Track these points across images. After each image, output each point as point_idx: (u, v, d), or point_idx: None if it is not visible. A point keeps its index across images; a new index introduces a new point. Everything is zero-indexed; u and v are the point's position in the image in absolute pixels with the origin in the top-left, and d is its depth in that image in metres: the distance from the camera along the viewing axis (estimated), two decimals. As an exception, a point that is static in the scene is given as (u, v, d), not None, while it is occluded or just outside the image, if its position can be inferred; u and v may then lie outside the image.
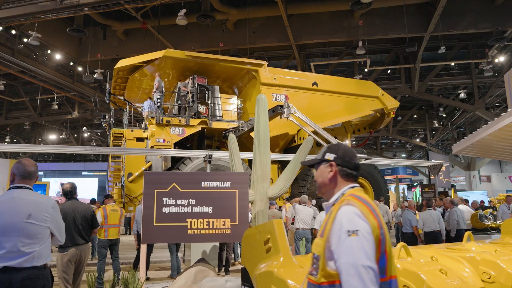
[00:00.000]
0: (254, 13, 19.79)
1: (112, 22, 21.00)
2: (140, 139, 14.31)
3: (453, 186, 29.21)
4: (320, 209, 8.83)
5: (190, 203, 6.11)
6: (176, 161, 13.09)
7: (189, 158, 12.53)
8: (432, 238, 7.90)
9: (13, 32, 19.89)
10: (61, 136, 34.81)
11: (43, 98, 27.19)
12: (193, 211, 6.08)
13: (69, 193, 5.36)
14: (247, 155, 9.89)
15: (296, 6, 19.39)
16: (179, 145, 13.50)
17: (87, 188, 24.45)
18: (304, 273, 2.55)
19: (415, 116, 33.04)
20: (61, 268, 4.67)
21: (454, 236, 8.23)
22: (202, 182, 6.18)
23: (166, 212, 6.01)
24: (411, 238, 8.35)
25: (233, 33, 21.53)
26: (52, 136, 34.34)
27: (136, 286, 5.31)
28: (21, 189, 2.82)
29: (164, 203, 6.05)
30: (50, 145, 25.24)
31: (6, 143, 31.37)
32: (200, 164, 12.47)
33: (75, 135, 35.92)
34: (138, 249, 7.74)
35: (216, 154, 9.91)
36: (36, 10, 15.09)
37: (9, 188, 2.85)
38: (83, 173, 26.56)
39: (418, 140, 36.14)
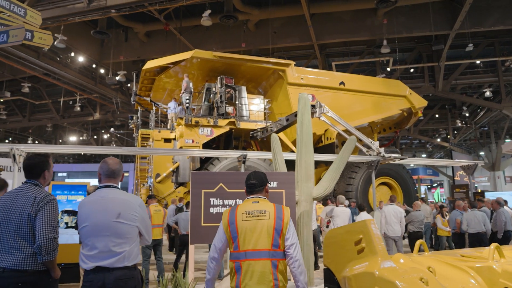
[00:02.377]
0: (275, 13, 19.72)
1: (134, 24, 21.16)
2: (167, 140, 14.34)
3: (475, 187, 28.65)
4: (360, 209, 8.67)
5: (237, 203, 6.02)
6: (204, 162, 13.06)
7: (217, 158, 12.49)
8: (477, 239, 7.68)
9: (39, 35, 20.15)
10: (81, 138, 35.25)
11: (65, 100, 27.54)
12: (240, 211, 5.99)
13: None
14: (287, 156, 9.78)
15: (318, 5, 19.23)
16: (205, 146, 13.49)
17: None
18: (406, 273, 2.44)
19: (437, 115, 32.52)
20: None
21: (501, 238, 8.00)
22: (249, 182, 6.07)
23: (214, 213, 5.95)
24: (458, 239, 8.13)
25: (254, 33, 21.48)
26: (73, 138, 34.78)
27: (189, 286, 5.26)
28: (108, 188, 2.78)
29: (212, 203, 5.99)
30: (87, 146, 25.81)
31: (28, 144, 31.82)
32: (229, 165, 12.42)
33: (95, 137, 36.34)
34: (180, 249, 7.72)
35: (250, 154, 9.83)
36: (64, 13, 15.25)
37: (97, 188, 2.81)
38: (105, 174, 26.80)
39: (439, 140, 35.56)
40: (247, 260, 2.76)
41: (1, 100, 26.63)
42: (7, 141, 34.98)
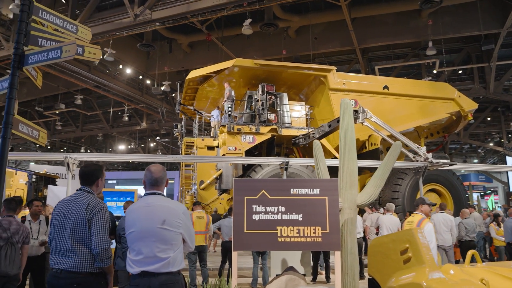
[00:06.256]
0: (316, 18, 19.63)
1: (177, 36, 21.82)
2: (210, 148, 14.60)
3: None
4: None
5: (280, 210, 6.03)
6: (247, 169, 13.16)
7: (260, 165, 12.55)
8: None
9: (90, 49, 21.28)
10: (129, 146, 36.66)
11: (114, 110, 28.82)
12: (282, 218, 6.00)
13: None
14: (329, 162, 9.66)
15: (359, 9, 18.94)
16: (248, 153, 13.59)
17: (156, 196, 25.45)
18: (458, 285, 2.34)
19: (489, 118, 30.89)
20: None
21: None
22: (291, 189, 6.08)
23: (256, 220, 5.98)
24: (513, 250, 7.65)
25: (294, 40, 21.50)
26: (122, 146, 36.25)
27: (232, 293, 5.30)
28: (154, 196, 2.90)
29: (254, 210, 6.02)
30: (134, 154, 26.94)
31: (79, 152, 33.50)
32: (271, 172, 12.42)
33: (142, 145, 37.67)
34: (223, 255, 7.81)
35: (293, 161, 9.81)
36: (113, 27, 16.00)
37: (144, 194, 2.94)
38: (152, 181, 27.73)
39: (491, 144, 33.72)
40: None
41: (57, 112, 28.25)
42: (62, 150, 37.02)
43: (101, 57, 18.32)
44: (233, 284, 5.76)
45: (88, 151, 37.39)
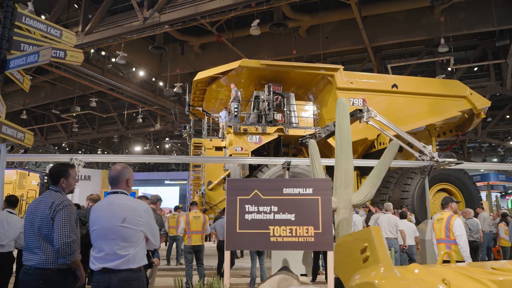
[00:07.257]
0: (326, 18, 19.52)
1: (189, 38, 22.02)
2: (218, 148, 14.69)
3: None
4: (402, 217, 8.28)
5: (272, 210, 6.05)
6: (254, 169, 13.20)
7: (266, 165, 12.57)
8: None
9: (103, 53, 21.73)
10: (145, 148, 37.16)
11: (129, 112, 29.27)
12: (275, 218, 6.02)
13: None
14: (327, 162, 9.63)
15: (370, 7, 18.75)
16: (256, 153, 13.62)
17: (169, 196, 25.79)
18: (409, 285, 2.32)
19: (508, 116, 30.11)
20: None
21: None
22: (284, 189, 6.09)
23: (249, 219, 6.01)
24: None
25: (305, 39, 21.41)
26: (137, 148, 36.78)
27: (222, 291, 5.34)
28: (117, 194, 2.97)
29: (247, 209, 6.05)
30: (141, 155, 27.11)
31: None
32: (277, 172, 12.43)
33: (157, 146, 38.12)
34: (219, 255, 7.86)
35: (295, 161, 9.79)
36: (123, 31, 16.27)
37: (108, 193, 3.02)
38: (166, 182, 28.07)
39: (511, 142, 32.84)
40: (438, 243, 5.75)
41: (74, 115, 28.87)
42: (80, 152, 37.82)
43: (84, 60, 18.52)
44: (225, 283, 5.80)
45: (105, 152, 38.09)
